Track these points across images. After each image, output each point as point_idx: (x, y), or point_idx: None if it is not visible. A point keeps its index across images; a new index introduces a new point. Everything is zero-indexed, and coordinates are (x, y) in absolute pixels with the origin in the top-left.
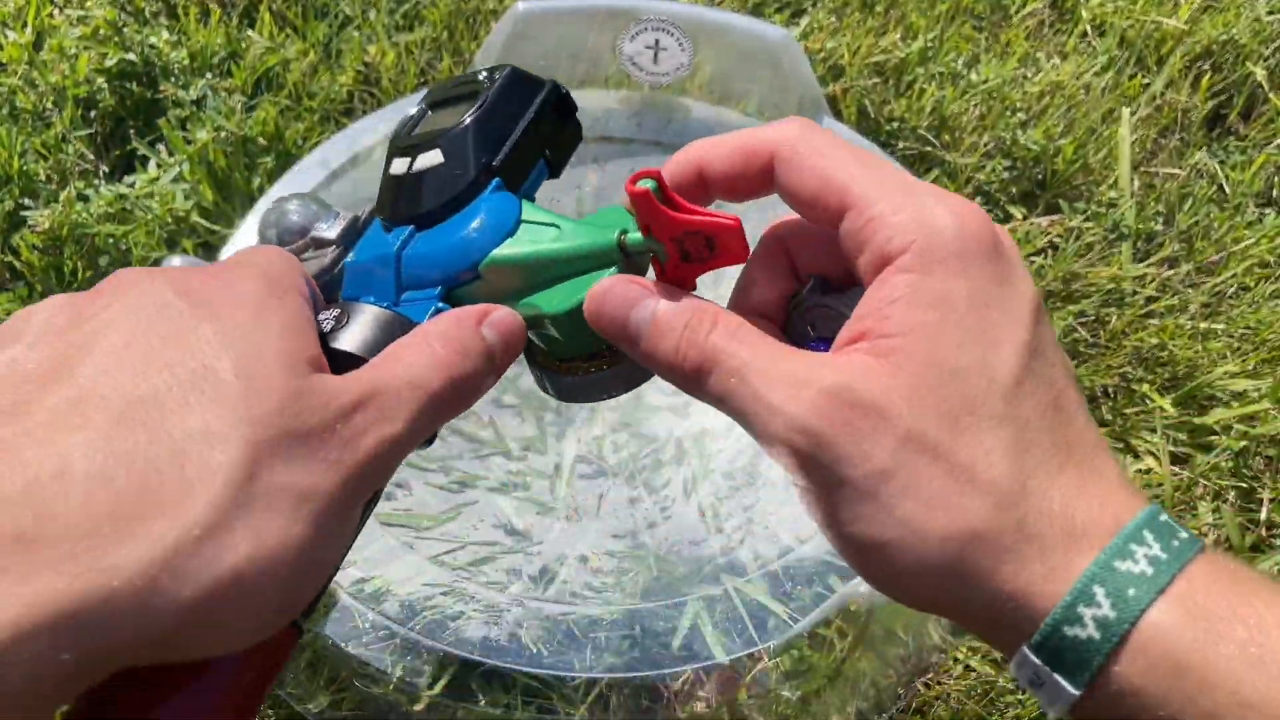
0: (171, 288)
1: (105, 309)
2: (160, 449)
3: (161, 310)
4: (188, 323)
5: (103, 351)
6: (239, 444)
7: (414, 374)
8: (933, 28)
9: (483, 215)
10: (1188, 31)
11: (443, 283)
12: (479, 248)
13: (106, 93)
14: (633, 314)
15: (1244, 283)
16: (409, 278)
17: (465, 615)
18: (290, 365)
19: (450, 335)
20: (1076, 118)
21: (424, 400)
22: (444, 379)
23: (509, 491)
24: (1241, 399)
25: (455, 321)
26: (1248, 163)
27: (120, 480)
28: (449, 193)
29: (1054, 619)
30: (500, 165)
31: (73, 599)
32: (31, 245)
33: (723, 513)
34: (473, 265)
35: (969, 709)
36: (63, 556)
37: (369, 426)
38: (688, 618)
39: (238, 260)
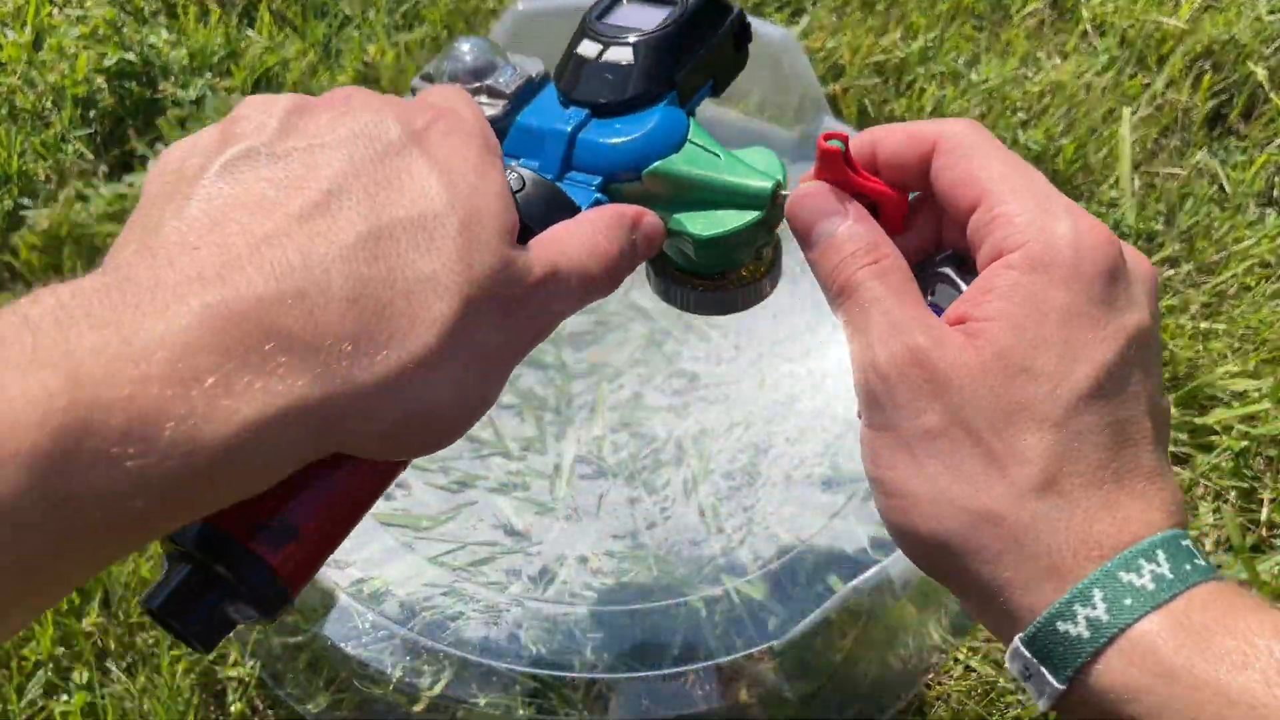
0: (400, 126)
1: (342, 128)
2: (397, 286)
3: (393, 149)
4: (420, 169)
5: (342, 172)
6: (459, 298)
7: (583, 261)
8: (933, 27)
9: (656, 123)
10: (1188, 31)
11: (605, 175)
12: (646, 154)
13: (105, 92)
14: (821, 224)
15: (1245, 283)
16: (576, 159)
17: (465, 615)
18: (503, 233)
19: (613, 231)
20: (1077, 117)
21: (587, 284)
22: (601, 268)
23: (508, 492)
24: (1242, 399)
25: (617, 218)
26: (1248, 162)
27: (368, 306)
28: (631, 92)
29: (1049, 614)
30: (680, 80)
31: (322, 400)
32: (30, 245)
33: (722, 513)
34: (637, 168)
35: (970, 709)
36: (319, 363)
37: (549, 301)
38: (688, 618)
39: (446, 103)
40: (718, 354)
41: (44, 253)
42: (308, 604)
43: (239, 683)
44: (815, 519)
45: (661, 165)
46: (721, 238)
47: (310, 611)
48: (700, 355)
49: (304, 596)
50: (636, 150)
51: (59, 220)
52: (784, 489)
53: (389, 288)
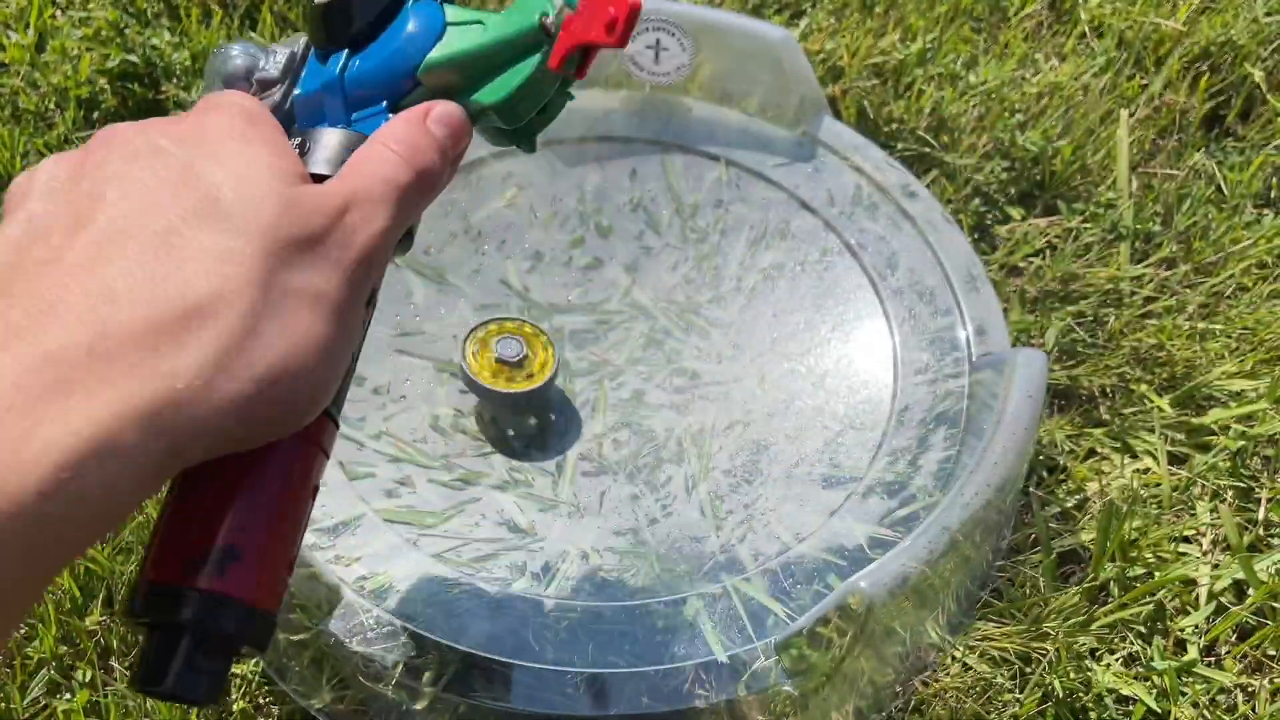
0: (161, 134)
1: (105, 161)
2: (189, 269)
3: (157, 155)
4: (183, 160)
5: (114, 198)
6: (254, 255)
7: (384, 171)
8: (931, 29)
9: (410, 24)
10: (1186, 33)
11: (387, 97)
12: (414, 56)
13: (108, 94)
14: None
15: (1242, 283)
16: (355, 99)
17: (467, 611)
18: (282, 177)
19: (401, 135)
20: (1075, 119)
21: (398, 193)
22: (408, 171)
23: (511, 489)
24: (1239, 399)
25: (404, 122)
26: (1246, 163)
27: (162, 298)
28: (374, 9)
29: None
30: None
31: (148, 399)
32: None
33: (723, 510)
34: (411, 73)
35: (968, 707)
36: (131, 366)
37: (359, 224)
38: (688, 615)
39: (208, 103)
40: (718, 352)
41: None
42: (312, 600)
43: (242, 679)
44: (815, 516)
45: (431, 57)
46: (514, 94)
47: (315, 608)
48: (700, 353)
49: (309, 594)
50: (401, 57)
51: None
52: (784, 486)
53: (183, 276)
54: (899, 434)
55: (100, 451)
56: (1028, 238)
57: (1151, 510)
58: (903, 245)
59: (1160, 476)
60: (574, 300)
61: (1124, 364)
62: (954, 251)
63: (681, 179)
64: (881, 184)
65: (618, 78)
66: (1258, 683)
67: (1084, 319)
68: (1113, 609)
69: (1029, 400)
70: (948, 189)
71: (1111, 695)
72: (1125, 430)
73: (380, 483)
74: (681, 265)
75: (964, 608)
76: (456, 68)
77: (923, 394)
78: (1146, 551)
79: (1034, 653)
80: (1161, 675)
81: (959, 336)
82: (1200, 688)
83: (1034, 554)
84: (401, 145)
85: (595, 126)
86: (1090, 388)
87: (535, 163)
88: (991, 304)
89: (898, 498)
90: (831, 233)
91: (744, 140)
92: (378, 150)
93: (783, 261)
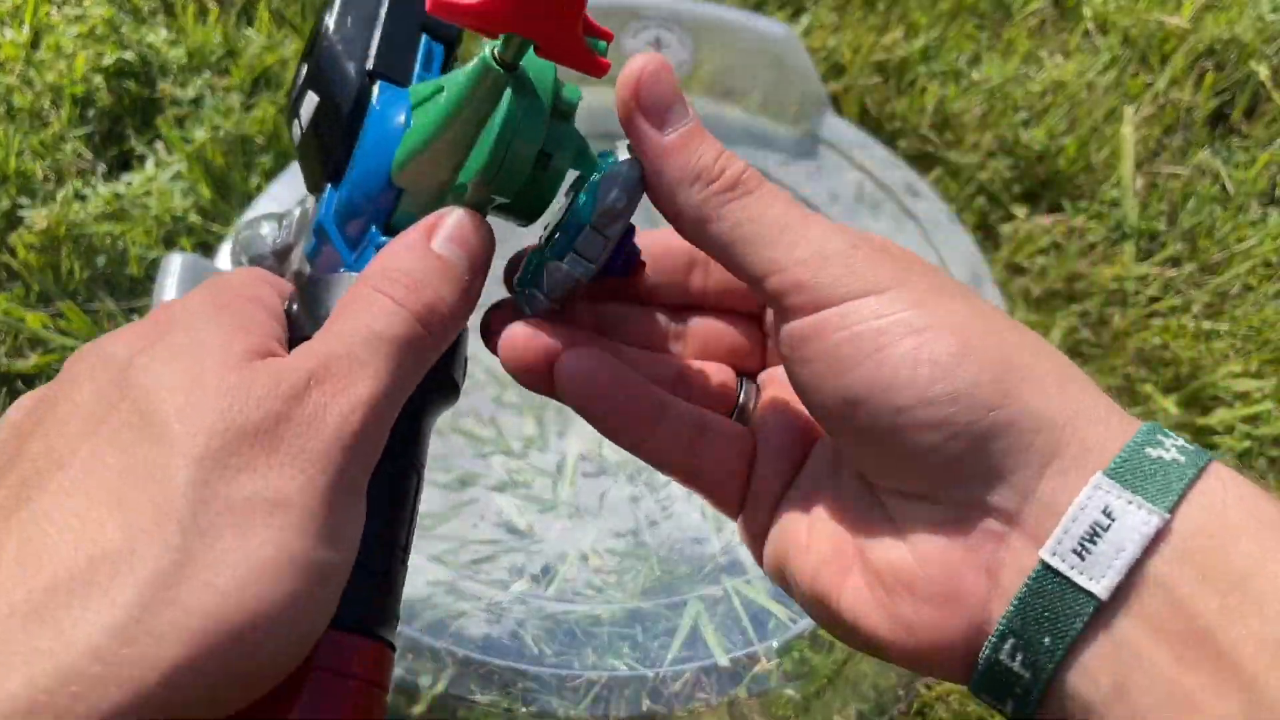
0: (122, 338)
1: (62, 380)
2: (103, 510)
3: (106, 365)
4: (122, 365)
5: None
6: (181, 470)
7: (365, 323)
8: (935, 26)
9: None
10: (1190, 30)
11: (373, 220)
12: (384, 158)
13: (104, 91)
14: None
15: (1248, 282)
16: (349, 235)
17: (466, 614)
18: (232, 360)
19: (395, 268)
20: (1079, 116)
21: (388, 349)
22: (402, 317)
23: (510, 490)
24: (1245, 399)
25: (399, 250)
26: (1251, 162)
27: (64, 550)
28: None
29: (1137, 440)
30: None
31: (25, 688)
32: (28, 245)
33: None
34: (387, 183)
35: (970, 710)
36: (15, 650)
37: (329, 400)
38: (688, 618)
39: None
40: None
41: (42, 252)
42: None
43: None
44: None
45: (397, 155)
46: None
47: None
48: None
49: None
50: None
51: (57, 220)
52: None
53: (93, 511)
54: None
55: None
56: (1032, 236)
57: None
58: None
59: None
60: None
61: (1129, 363)
62: (958, 251)
63: None
64: (884, 182)
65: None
66: None
67: (1089, 318)
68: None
69: None
70: (951, 187)
71: None
72: None
73: None
74: None
75: None
76: (431, 155)
77: None
78: None
79: None
80: None
81: None
82: None
83: None
84: (392, 283)
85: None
86: None
87: None
88: (995, 302)
89: None
90: None
91: (745, 138)
92: (361, 296)
93: None
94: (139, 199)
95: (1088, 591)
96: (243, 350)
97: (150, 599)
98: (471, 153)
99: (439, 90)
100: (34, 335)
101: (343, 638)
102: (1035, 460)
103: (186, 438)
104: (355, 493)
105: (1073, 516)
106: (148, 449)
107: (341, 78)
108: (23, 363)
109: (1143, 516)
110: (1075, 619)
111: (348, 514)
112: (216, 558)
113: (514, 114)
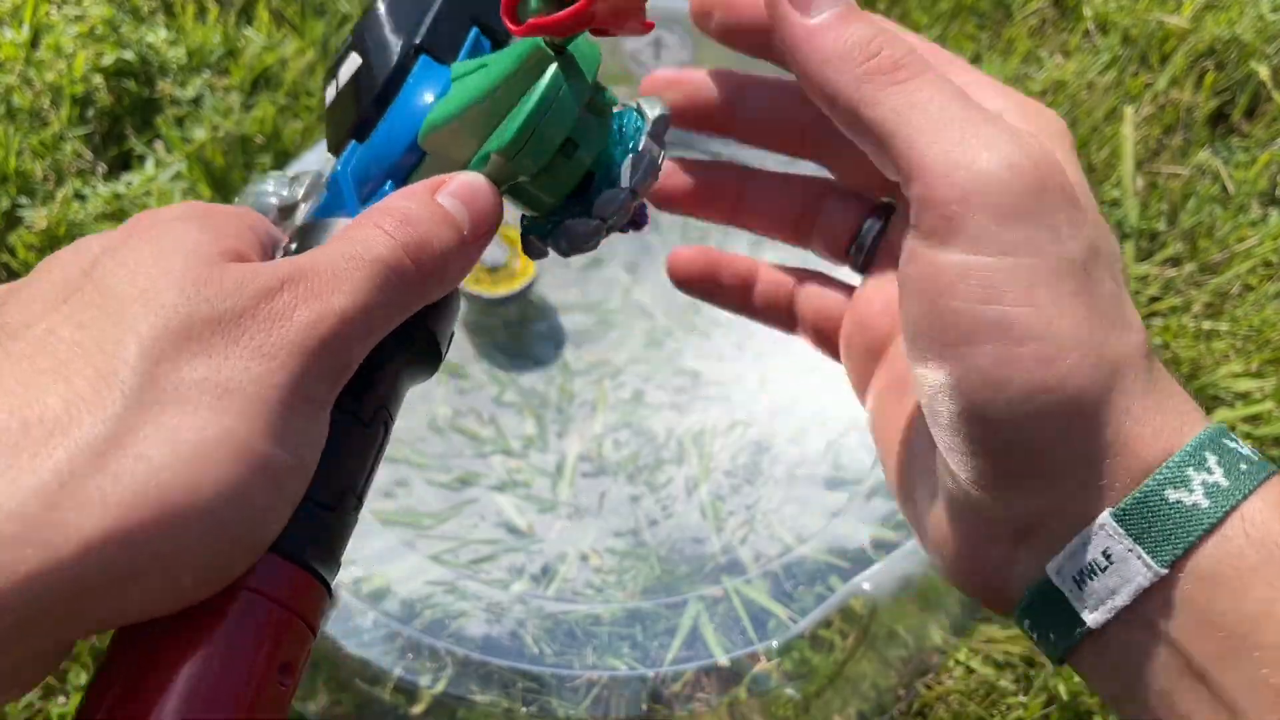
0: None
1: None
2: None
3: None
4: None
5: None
6: (133, 344)
7: (354, 247)
8: (935, 25)
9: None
10: (1191, 29)
11: (390, 176)
12: (413, 121)
13: (103, 91)
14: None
15: (1248, 282)
16: (362, 191)
17: (466, 614)
18: (201, 256)
19: (393, 205)
20: (1079, 116)
21: (369, 269)
22: (393, 247)
23: (510, 489)
24: (1246, 399)
25: (402, 195)
26: (1251, 161)
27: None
28: (375, 92)
29: (1160, 478)
30: (424, 42)
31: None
32: (28, 244)
33: (724, 511)
34: (412, 144)
35: (971, 710)
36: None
37: (298, 302)
38: (688, 617)
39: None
40: (719, 352)
41: (41, 252)
42: None
43: None
44: (816, 518)
45: (429, 118)
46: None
47: None
48: (702, 353)
49: None
50: (400, 129)
51: (56, 219)
52: (785, 488)
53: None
54: None
55: None
56: None
57: None
58: None
59: None
60: (574, 299)
61: None
62: None
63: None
64: None
65: (617, 75)
66: None
67: None
68: None
69: None
70: None
71: None
72: None
73: (377, 484)
74: None
75: (967, 608)
76: (462, 123)
77: None
78: None
79: (1039, 657)
80: None
81: None
82: None
83: None
84: (390, 218)
85: None
86: None
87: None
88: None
89: None
90: None
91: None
92: (357, 225)
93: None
94: (139, 199)
95: (1080, 618)
96: (218, 251)
97: (79, 466)
98: (502, 123)
99: (482, 65)
100: None
101: (281, 563)
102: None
103: (143, 316)
104: (315, 403)
105: (1072, 551)
106: (103, 325)
107: (387, 43)
108: None
109: (1139, 567)
110: (1068, 635)
111: (304, 421)
112: (154, 432)
113: (551, 93)
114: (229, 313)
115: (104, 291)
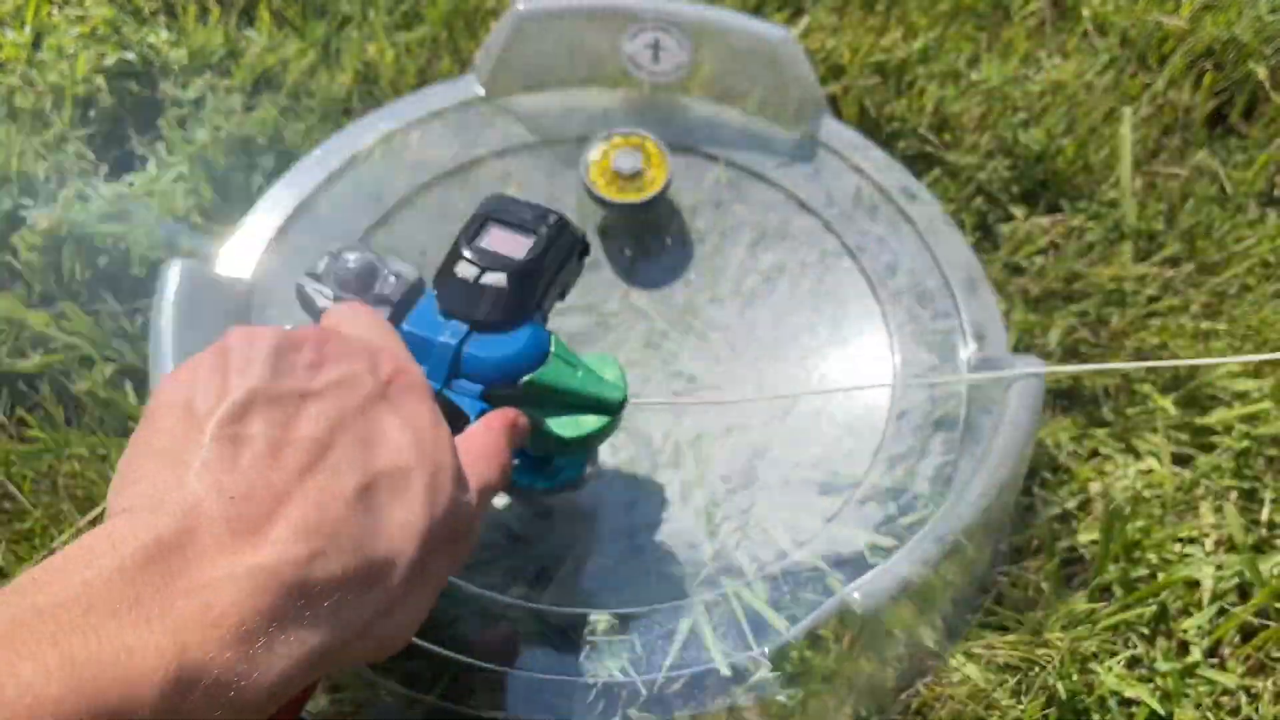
0: (372, 378)
1: (323, 376)
2: (380, 534)
3: (369, 401)
4: (392, 424)
5: (331, 426)
6: (421, 540)
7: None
8: (934, 26)
9: (527, 340)
10: (1189, 30)
11: (486, 384)
12: (519, 367)
13: (105, 92)
14: None
15: (1246, 283)
16: (461, 369)
17: (462, 618)
18: (456, 480)
19: (504, 440)
20: (1078, 117)
21: (492, 493)
22: (500, 475)
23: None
24: (1243, 399)
25: (506, 427)
26: (1249, 162)
27: (362, 554)
28: (504, 314)
29: None
30: (543, 302)
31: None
32: (30, 245)
33: (719, 516)
34: (513, 379)
35: (969, 711)
36: (334, 612)
37: (474, 527)
38: (686, 621)
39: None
40: (716, 356)
41: (44, 253)
42: None
43: None
44: (813, 522)
45: (534, 377)
46: (582, 438)
47: None
48: (698, 357)
49: None
50: (511, 364)
51: (59, 220)
52: (781, 492)
53: (374, 536)
54: (897, 439)
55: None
56: (1030, 236)
57: (1155, 511)
58: (903, 248)
59: (1164, 477)
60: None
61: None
62: (954, 255)
63: (680, 179)
64: (882, 185)
65: (617, 77)
66: (1261, 684)
67: (1087, 318)
68: (1115, 610)
69: (1027, 406)
70: (950, 187)
71: (1115, 698)
72: (1129, 431)
73: None
74: (680, 267)
75: (963, 614)
76: (549, 392)
77: (921, 398)
78: (1150, 552)
79: (1038, 659)
80: (1165, 677)
81: (958, 341)
82: (1204, 689)
83: (1036, 558)
84: (502, 451)
85: (594, 126)
86: (1093, 388)
87: (534, 162)
88: (991, 308)
89: (896, 503)
90: (831, 234)
91: (743, 140)
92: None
93: (782, 263)
94: (141, 199)
95: None
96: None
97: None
98: (564, 420)
99: (573, 365)
100: (36, 335)
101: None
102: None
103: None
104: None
105: None
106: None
107: (528, 296)
108: (25, 362)
109: None
110: None
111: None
112: (414, 601)
113: (599, 434)
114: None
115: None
